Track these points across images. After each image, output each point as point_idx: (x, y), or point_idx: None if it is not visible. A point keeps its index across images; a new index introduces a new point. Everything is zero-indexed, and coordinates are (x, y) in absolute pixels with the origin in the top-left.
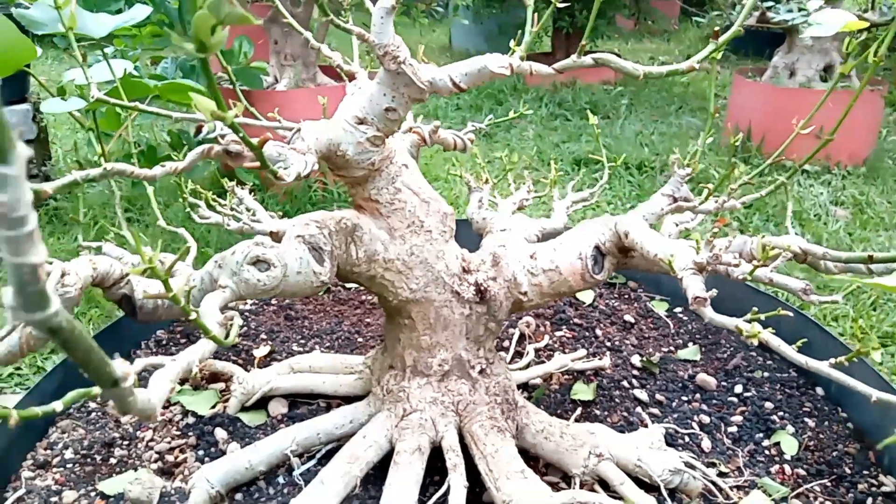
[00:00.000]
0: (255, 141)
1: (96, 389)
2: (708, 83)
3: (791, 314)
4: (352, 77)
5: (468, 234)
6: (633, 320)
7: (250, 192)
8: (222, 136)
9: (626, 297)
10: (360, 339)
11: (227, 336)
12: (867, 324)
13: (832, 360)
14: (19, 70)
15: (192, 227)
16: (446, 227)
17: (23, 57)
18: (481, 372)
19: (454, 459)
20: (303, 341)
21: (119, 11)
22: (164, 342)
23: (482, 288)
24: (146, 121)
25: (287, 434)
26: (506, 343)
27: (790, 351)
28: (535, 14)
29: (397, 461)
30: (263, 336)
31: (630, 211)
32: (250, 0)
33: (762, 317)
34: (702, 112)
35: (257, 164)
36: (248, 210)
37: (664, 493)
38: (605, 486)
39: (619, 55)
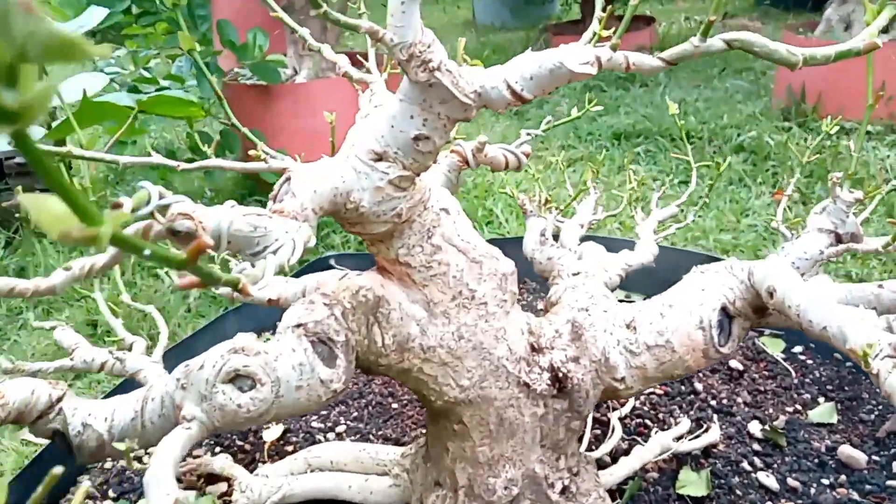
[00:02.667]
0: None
1: None
2: None
3: None
4: (365, 86)
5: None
6: (741, 367)
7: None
8: (163, 209)
9: None
10: (394, 405)
11: None
12: None
13: None
14: None
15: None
16: (506, 294)
17: None
18: (564, 491)
19: None
20: (324, 412)
21: (127, 10)
22: None
23: (560, 375)
24: (159, 124)
25: None
26: None
27: None
28: None
29: None
30: None
31: (771, 255)
32: None
33: None
34: (747, 73)
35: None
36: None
37: None
38: None
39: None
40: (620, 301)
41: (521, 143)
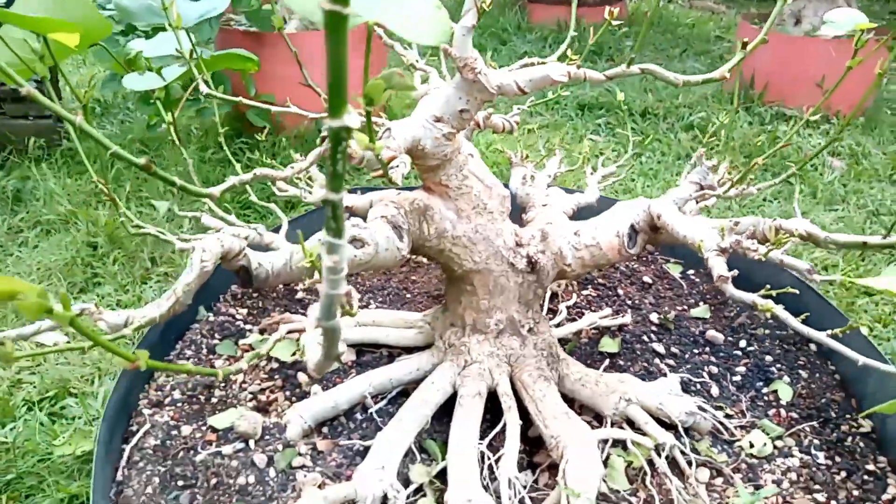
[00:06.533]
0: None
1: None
2: (713, 24)
3: (797, 290)
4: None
5: None
6: (650, 281)
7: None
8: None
9: (645, 259)
10: (408, 295)
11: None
12: (854, 273)
13: (829, 332)
14: None
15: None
16: (504, 208)
17: (100, 33)
18: (530, 330)
19: (508, 402)
20: (357, 296)
21: None
22: (238, 295)
23: (533, 260)
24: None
25: (365, 379)
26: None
27: (796, 323)
28: None
29: (461, 403)
30: None
31: (662, 196)
32: None
33: (774, 293)
34: (706, 56)
35: (380, 171)
36: (310, 180)
37: (681, 430)
38: (632, 424)
39: None
40: None
41: (514, 115)
